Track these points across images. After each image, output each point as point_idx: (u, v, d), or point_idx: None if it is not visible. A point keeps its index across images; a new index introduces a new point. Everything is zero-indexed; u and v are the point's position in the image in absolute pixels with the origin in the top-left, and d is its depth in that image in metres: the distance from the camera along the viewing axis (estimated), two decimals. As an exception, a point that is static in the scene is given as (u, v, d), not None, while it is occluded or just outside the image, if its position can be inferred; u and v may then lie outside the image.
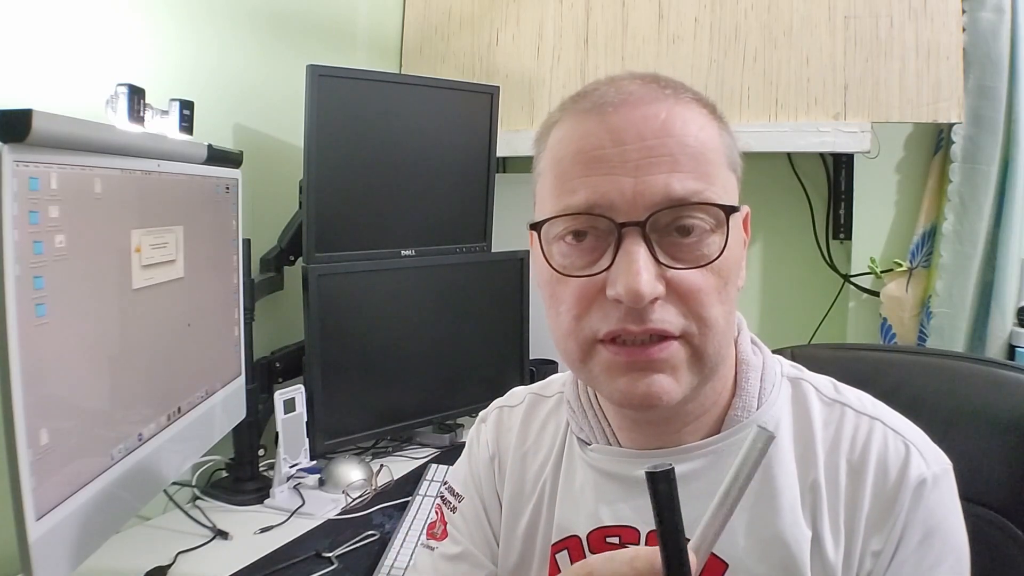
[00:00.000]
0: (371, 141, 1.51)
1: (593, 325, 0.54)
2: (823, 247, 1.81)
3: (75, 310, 0.81)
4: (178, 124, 1.09)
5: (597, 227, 0.54)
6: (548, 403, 0.72)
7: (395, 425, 1.55)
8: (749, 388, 0.61)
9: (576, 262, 0.55)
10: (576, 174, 0.54)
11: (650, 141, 0.53)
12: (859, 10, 1.53)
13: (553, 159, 0.57)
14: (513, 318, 1.72)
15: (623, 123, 0.54)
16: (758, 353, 0.64)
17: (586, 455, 0.65)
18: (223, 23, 1.45)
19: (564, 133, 0.57)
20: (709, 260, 0.53)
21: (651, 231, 0.52)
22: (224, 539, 1.19)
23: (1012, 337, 1.55)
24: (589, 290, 0.54)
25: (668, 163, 0.52)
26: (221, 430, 1.21)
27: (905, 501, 0.55)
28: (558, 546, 0.64)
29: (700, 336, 0.53)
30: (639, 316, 0.52)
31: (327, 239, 1.45)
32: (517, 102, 1.87)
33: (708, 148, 0.54)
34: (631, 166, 0.52)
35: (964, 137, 1.54)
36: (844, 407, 0.61)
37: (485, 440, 0.74)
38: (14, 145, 0.70)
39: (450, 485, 0.75)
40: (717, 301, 0.54)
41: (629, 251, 0.52)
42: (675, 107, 0.55)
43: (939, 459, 0.58)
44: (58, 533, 0.76)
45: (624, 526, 0.61)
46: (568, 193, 0.54)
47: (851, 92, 1.53)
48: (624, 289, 0.51)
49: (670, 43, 1.70)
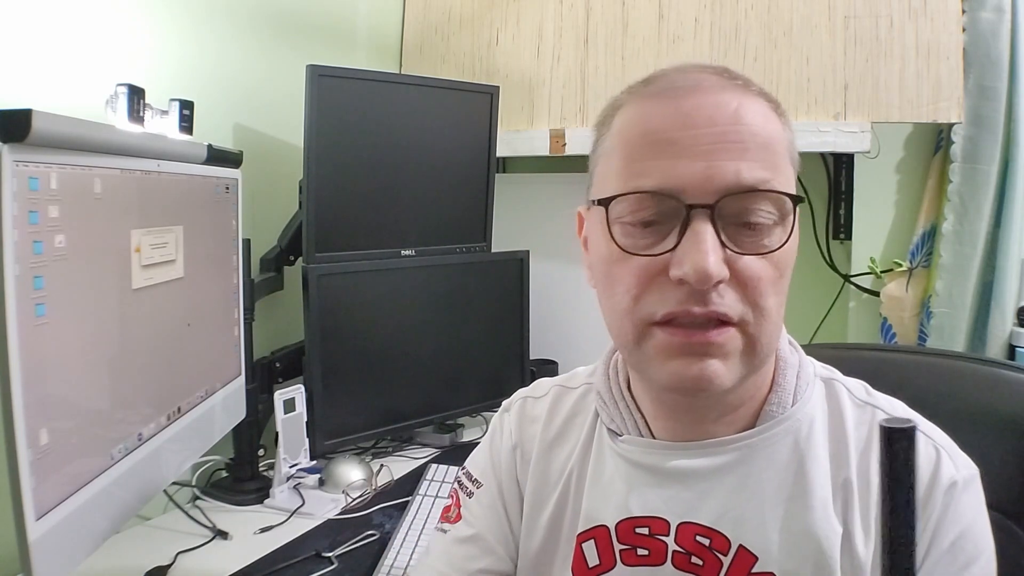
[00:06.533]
0: (371, 141, 1.51)
1: (651, 307, 0.54)
2: (823, 247, 1.81)
3: (75, 310, 0.81)
4: (178, 124, 1.09)
5: (664, 211, 0.54)
6: (574, 394, 0.72)
7: (395, 425, 1.54)
8: (786, 384, 0.61)
9: (639, 242, 0.55)
10: (647, 156, 0.55)
11: (722, 127, 0.53)
12: (859, 10, 1.53)
13: (621, 140, 0.58)
14: (513, 318, 1.72)
15: (695, 108, 0.54)
16: (794, 352, 0.64)
17: (616, 446, 0.65)
18: (223, 23, 1.45)
19: (633, 115, 0.57)
20: (771, 249, 0.54)
21: (718, 216, 0.53)
22: (224, 539, 1.19)
23: (1012, 337, 1.55)
24: (650, 270, 0.54)
25: (739, 150, 0.53)
26: (221, 430, 1.21)
27: (937, 503, 0.56)
28: (584, 535, 0.64)
29: (755, 325, 0.54)
30: (702, 298, 0.52)
31: (327, 239, 1.45)
32: (517, 102, 1.87)
33: (774, 140, 0.55)
34: (702, 150, 0.53)
35: (964, 137, 1.54)
36: (875, 409, 0.62)
37: (508, 429, 0.74)
38: (14, 145, 0.70)
39: (468, 471, 0.76)
40: (773, 292, 0.54)
41: (697, 231, 0.52)
42: (745, 98, 0.55)
43: (968, 464, 0.59)
44: (58, 533, 0.76)
45: (654, 517, 0.61)
46: (637, 175, 0.55)
47: (851, 92, 1.53)
48: (692, 268, 0.51)
49: (670, 43, 1.70)
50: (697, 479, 0.60)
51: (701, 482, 0.60)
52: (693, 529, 0.60)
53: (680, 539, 0.60)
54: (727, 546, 0.58)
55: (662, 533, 0.61)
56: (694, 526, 0.60)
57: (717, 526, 0.59)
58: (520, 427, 0.73)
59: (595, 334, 2.12)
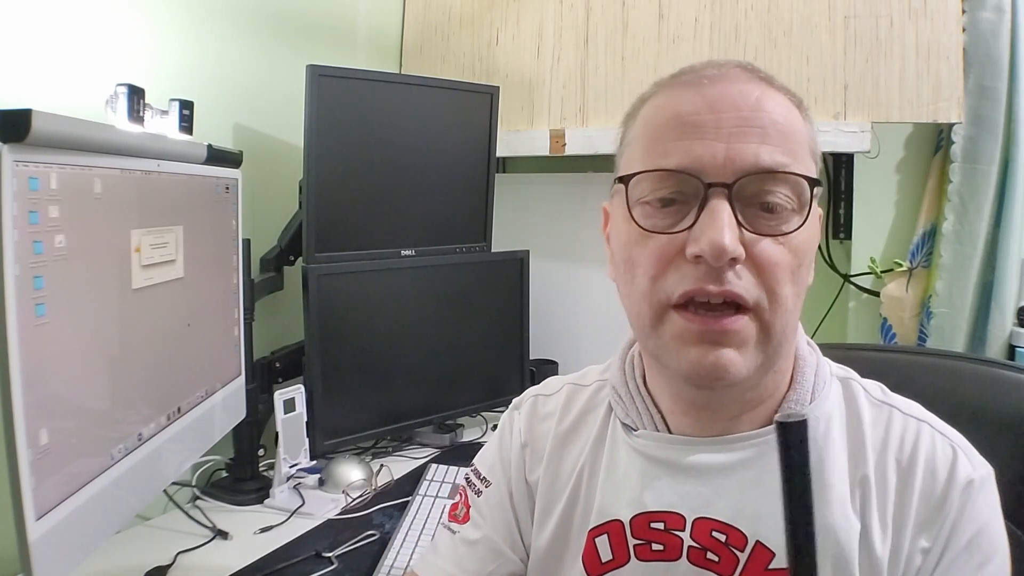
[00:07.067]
0: (371, 141, 1.51)
1: (668, 288, 0.55)
2: (823, 247, 1.81)
3: (75, 310, 0.81)
4: (178, 124, 1.09)
5: (684, 191, 0.55)
6: (586, 392, 0.73)
7: (395, 425, 1.54)
8: (804, 383, 0.62)
9: (659, 222, 0.56)
10: (670, 137, 0.56)
11: (744, 112, 0.55)
12: (859, 10, 1.52)
13: (645, 127, 0.59)
14: (513, 318, 1.72)
15: (719, 94, 0.56)
16: (812, 352, 0.65)
17: (632, 440, 0.65)
18: (223, 23, 1.45)
19: (660, 102, 0.59)
20: (787, 231, 0.55)
21: (736, 198, 0.54)
22: (224, 539, 1.19)
23: (1012, 337, 1.55)
24: (668, 250, 0.55)
25: (759, 134, 0.55)
26: (221, 430, 1.21)
27: (954, 501, 0.57)
28: (597, 530, 0.64)
29: (770, 311, 0.55)
30: (717, 276, 0.53)
31: (327, 239, 1.45)
32: (517, 102, 1.87)
33: (796, 130, 0.57)
34: (724, 133, 0.55)
35: (964, 137, 1.54)
36: (892, 408, 0.62)
37: (518, 427, 0.74)
38: (14, 145, 0.70)
39: (476, 469, 0.76)
40: (790, 280, 0.55)
41: (714, 209, 0.53)
42: (768, 90, 0.58)
43: (984, 463, 0.60)
44: (58, 533, 0.76)
45: (670, 512, 0.61)
46: (660, 155, 0.56)
47: (851, 92, 1.53)
48: (708, 243, 0.52)
49: (670, 43, 1.70)
50: (714, 474, 0.61)
51: (718, 477, 0.60)
52: (709, 525, 0.60)
53: (696, 534, 0.60)
54: (744, 542, 0.59)
55: (678, 528, 0.61)
56: (710, 521, 0.60)
57: (734, 522, 0.59)
58: (531, 425, 0.73)
59: (595, 334, 2.12)
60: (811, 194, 0.56)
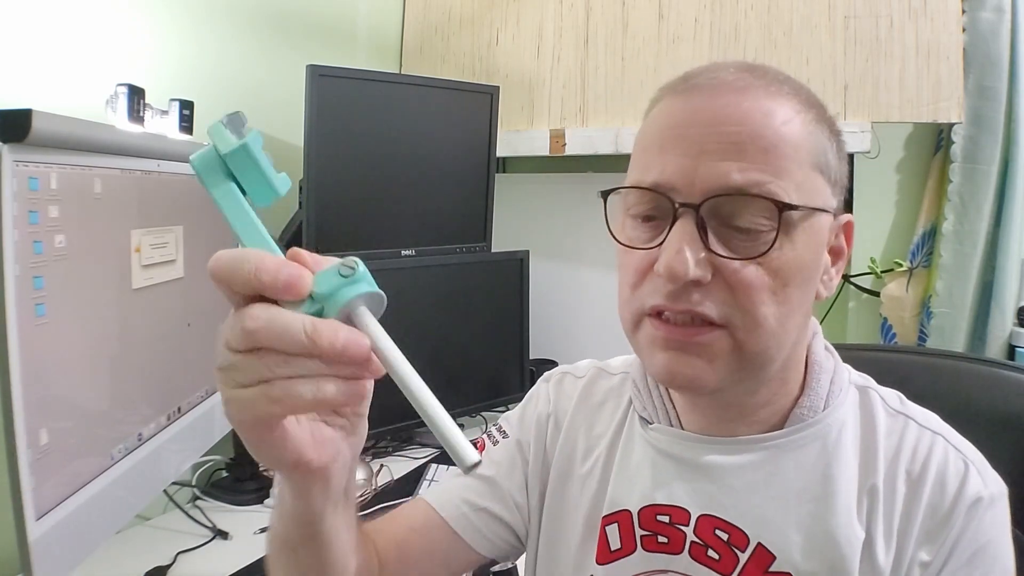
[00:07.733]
0: (371, 141, 1.51)
1: (643, 298, 0.56)
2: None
3: (75, 310, 0.81)
4: (178, 124, 1.09)
5: (660, 206, 0.55)
6: (612, 380, 0.74)
7: (395, 425, 1.54)
8: (819, 389, 0.61)
9: (641, 236, 0.57)
10: (654, 151, 0.56)
11: (723, 128, 0.53)
12: (859, 10, 1.53)
13: (643, 133, 0.59)
14: (513, 318, 1.72)
15: (704, 107, 0.55)
16: (830, 358, 0.65)
17: (646, 433, 0.66)
18: (223, 23, 1.45)
19: (658, 111, 0.59)
20: (758, 254, 0.52)
21: (709, 218, 0.53)
22: (224, 539, 1.19)
23: (1012, 337, 1.55)
24: (644, 264, 0.56)
25: (734, 151, 0.52)
26: (221, 430, 1.21)
27: (960, 517, 0.56)
28: (609, 519, 0.65)
29: (744, 331, 0.53)
30: (677, 295, 0.53)
31: (327, 239, 1.45)
32: (517, 102, 1.87)
33: (786, 143, 0.53)
34: (698, 149, 0.53)
35: (964, 137, 1.54)
36: (908, 419, 0.61)
37: (547, 397, 0.76)
38: (14, 145, 0.70)
39: (500, 425, 0.77)
40: (771, 301, 0.53)
41: (676, 231, 0.53)
42: (762, 98, 0.54)
43: (996, 481, 0.59)
44: (58, 533, 0.76)
45: (676, 506, 0.62)
46: (642, 169, 0.56)
47: (851, 92, 1.53)
48: (663, 266, 0.52)
49: (670, 43, 1.70)
50: (723, 473, 0.61)
51: (727, 477, 0.61)
52: (713, 522, 0.60)
53: (699, 530, 0.60)
54: (745, 542, 0.59)
55: (682, 523, 0.61)
56: (714, 519, 0.60)
57: (737, 522, 0.59)
58: (558, 399, 0.75)
59: (595, 334, 2.12)
60: (782, 212, 0.52)
